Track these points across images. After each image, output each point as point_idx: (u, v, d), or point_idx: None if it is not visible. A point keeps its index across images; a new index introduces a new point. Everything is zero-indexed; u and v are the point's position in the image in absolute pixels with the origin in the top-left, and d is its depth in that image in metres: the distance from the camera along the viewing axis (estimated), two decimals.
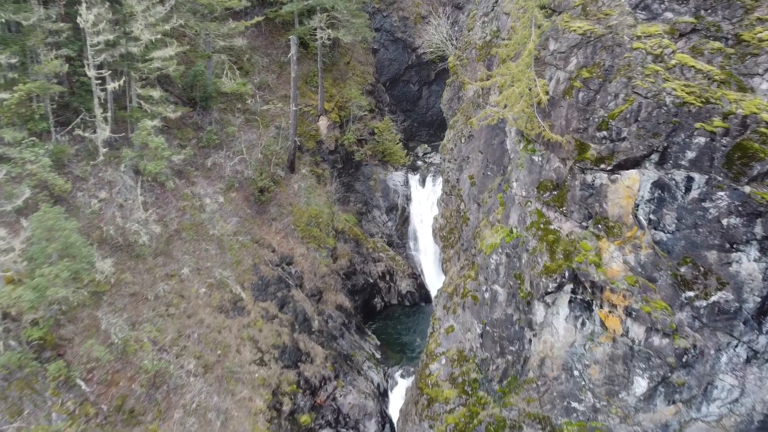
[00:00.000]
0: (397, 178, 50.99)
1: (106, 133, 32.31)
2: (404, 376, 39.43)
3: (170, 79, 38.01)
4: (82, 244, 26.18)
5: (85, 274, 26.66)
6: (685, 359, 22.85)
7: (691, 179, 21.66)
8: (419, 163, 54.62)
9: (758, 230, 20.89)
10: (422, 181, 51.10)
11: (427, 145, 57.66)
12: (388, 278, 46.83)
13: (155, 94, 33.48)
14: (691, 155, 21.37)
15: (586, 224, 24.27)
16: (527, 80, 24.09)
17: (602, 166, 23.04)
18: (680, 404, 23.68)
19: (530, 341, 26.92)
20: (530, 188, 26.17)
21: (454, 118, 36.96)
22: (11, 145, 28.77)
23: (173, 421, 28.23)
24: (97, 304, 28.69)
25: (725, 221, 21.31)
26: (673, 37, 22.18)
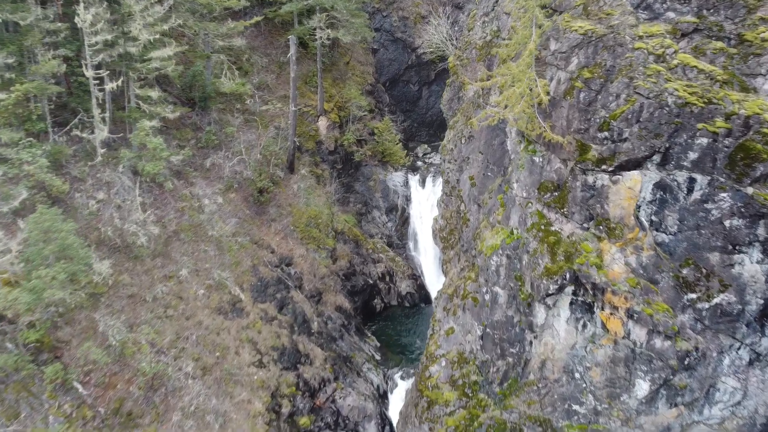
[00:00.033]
0: (396, 178, 50.83)
1: (104, 133, 32.14)
2: (404, 377, 39.26)
3: (169, 79, 37.85)
4: (79, 245, 26.00)
5: (82, 275, 26.48)
6: (687, 362, 22.68)
7: (693, 180, 21.48)
8: (419, 163, 54.46)
9: (761, 232, 20.71)
10: (422, 181, 50.93)
11: (427, 145, 57.52)
12: (387, 279, 46.65)
13: (154, 94, 33.31)
14: (693, 156, 21.20)
15: (587, 225, 24.10)
16: (528, 80, 23.90)
17: (603, 167, 22.87)
18: (682, 407, 23.52)
19: (531, 343, 26.75)
20: (531, 189, 25.99)
21: (454, 118, 36.78)
22: (8, 145, 28.58)
23: (171, 424, 28.04)
24: (94, 306, 28.51)
25: (728, 223, 21.13)
26: (675, 37, 22.01)
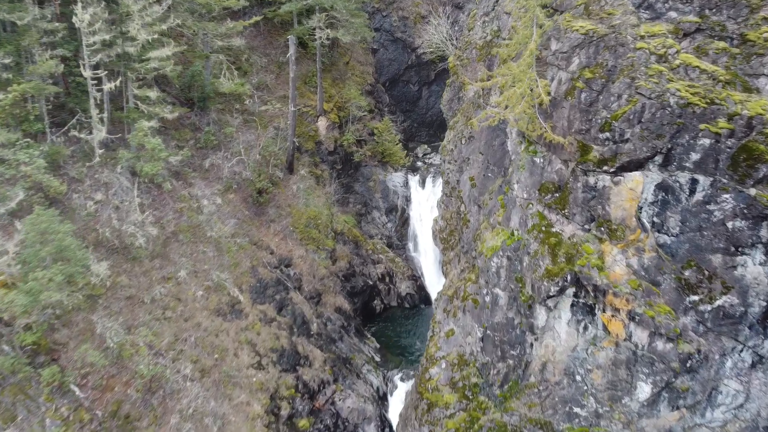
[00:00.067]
0: (396, 179, 50.64)
1: (102, 134, 31.96)
2: (404, 379, 39.08)
3: (167, 79, 37.67)
4: (76, 247, 25.82)
5: (79, 277, 26.29)
6: (689, 364, 22.54)
7: (695, 181, 21.35)
8: (419, 163, 54.27)
9: (764, 233, 20.57)
10: (422, 182, 50.74)
11: (426, 145, 57.34)
12: (387, 280, 46.47)
13: (152, 94, 33.12)
14: (695, 157, 21.05)
15: (588, 227, 23.94)
16: (528, 81, 23.74)
17: (605, 168, 22.72)
18: (684, 410, 23.37)
19: (532, 345, 26.58)
20: (532, 190, 25.83)
21: (454, 118, 36.61)
22: (5, 146, 28.35)
23: (169, 426, 27.84)
24: (92, 307, 28.31)
25: (730, 224, 21.00)
26: (677, 36, 21.87)
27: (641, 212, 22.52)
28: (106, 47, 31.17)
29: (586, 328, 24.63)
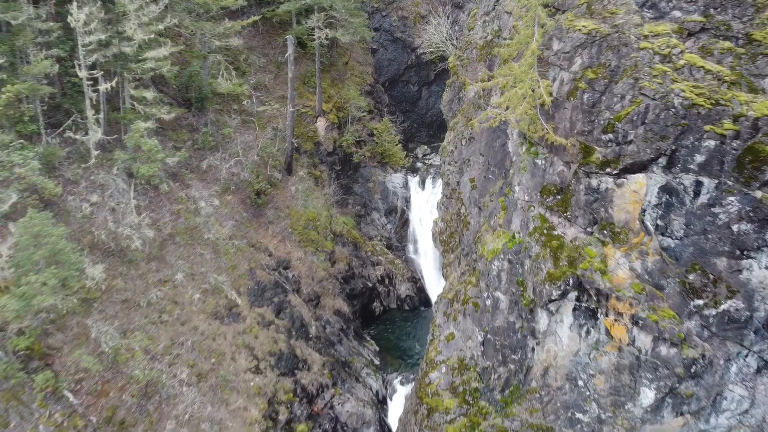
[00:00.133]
0: (396, 179, 50.30)
1: (98, 135, 31.64)
2: (403, 383, 38.71)
3: (165, 79, 37.33)
4: (70, 250, 25.46)
5: (74, 280, 25.94)
6: (693, 369, 22.21)
7: (700, 184, 21.04)
8: (419, 164, 53.93)
9: None
10: (422, 183, 50.39)
11: (426, 146, 57.03)
12: (387, 282, 46.13)
13: (149, 95, 32.81)
14: (700, 159, 20.73)
15: (591, 230, 23.57)
16: (530, 81, 23.37)
17: (608, 169, 22.37)
18: (688, 416, 23.05)
19: (533, 350, 26.22)
20: (533, 192, 25.46)
21: (454, 119, 36.25)
22: None
23: None
24: (87, 311, 27.95)
25: (736, 227, 20.69)
26: (681, 36, 21.54)
27: (645, 215, 22.19)
28: (102, 47, 30.88)
29: (588, 332, 24.27)
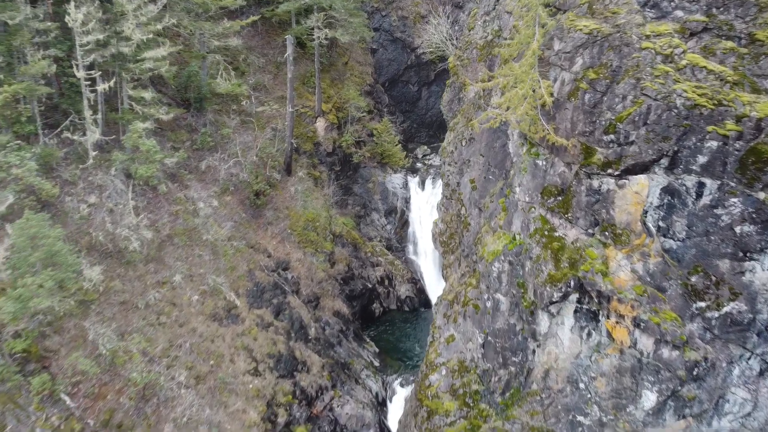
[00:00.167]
0: (396, 180, 50.10)
1: (96, 135, 31.43)
2: (403, 385, 38.51)
3: (163, 79, 37.14)
4: (67, 252, 25.26)
5: (71, 282, 25.73)
6: (695, 372, 22.03)
7: (702, 185, 20.86)
8: (419, 165, 53.74)
9: None
10: (422, 183, 50.20)
11: (426, 146, 56.84)
12: (386, 283, 45.93)
13: (147, 95, 32.61)
14: (702, 160, 20.56)
15: (592, 231, 23.38)
16: (531, 81, 23.18)
17: (609, 170, 22.19)
18: (690, 419, 22.86)
19: (534, 352, 26.03)
20: (534, 193, 25.27)
21: (454, 119, 36.06)
22: None
23: None
24: (84, 313, 27.74)
25: (738, 229, 20.52)
26: (683, 36, 21.35)
27: (646, 216, 22.01)
28: (100, 47, 30.67)
29: (589, 334, 24.07)
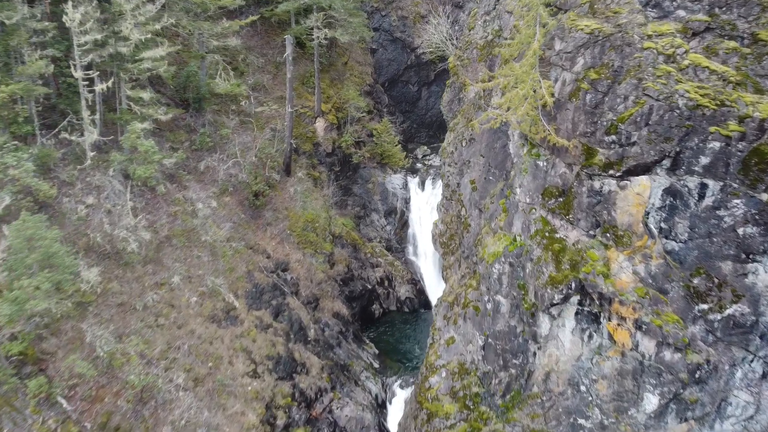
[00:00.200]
0: (395, 180, 49.90)
1: (94, 136, 31.25)
2: (403, 386, 38.32)
3: (162, 80, 36.96)
4: (64, 253, 25.05)
5: (68, 284, 25.52)
6: (698, 375, 21.85)
7: (704, 186, 20.69)
8: (418, 165, 53.53)
9: None
10: (422, 184, 49.99)
11: (426, 146, 56.64)
12: (386, 284, 45.72)
13: (146, 95, 32.41)
14: (705, 161, 20.39)
15: (593, 233, 23.20)
16: (531, 81, 22.99)
17: (611, 171, 22.02)
18: (692, 422, 22.67)
19: (534, 354, 25.84)
20: (535, 194, 25.09)
21: (454, 120, 35.87)
22: None
23: None
24: (82, 315, 27.55)
25: (741, 230, 20.35)
26: (685, 36, 21.16)
27: (648, 218, 21.84)
28: (97, 47, 30.49)
29: (591, 337, 23.89)
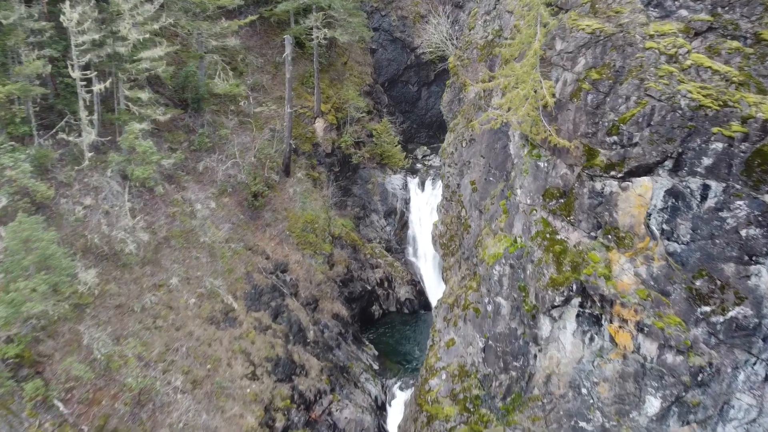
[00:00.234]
0: (395, 181, 49.69)
1: (91, 136, 31.07)
2: (403, 388, 38.14)
3: (160, 80, 36.73)
4: (62, 255, 24.88)
5: (65, 286, 25.33)
6: (700, 378, 21.68)
7: (707, 187, 20.52)
8: (418, 165, 53.31)
9: None
10: (421, 184, 49.79)
11: (426, 147, 56.41)
12: (386, 285, 45.52)
13: (144, 95, 32.22)
14: (707, 162, 20.22)
15: (595, 234, 23.02)
16: (532, 82, 22.81)
17: (612, 173, 21.85)
18: (695, 425, 22.49)
19: (535, 357, 25.66)
20: (535, 195, 24.90)
21: (454, 120, 35.68)
22: None
23: None
24: (79, 317, 27.35)
25: (744, 232, 20.16)
26: (688, 36, 20.99)
27: (650, 219, 21.67)
28: (95, 47, 30.30)
29: (592, 339, 23.71)
